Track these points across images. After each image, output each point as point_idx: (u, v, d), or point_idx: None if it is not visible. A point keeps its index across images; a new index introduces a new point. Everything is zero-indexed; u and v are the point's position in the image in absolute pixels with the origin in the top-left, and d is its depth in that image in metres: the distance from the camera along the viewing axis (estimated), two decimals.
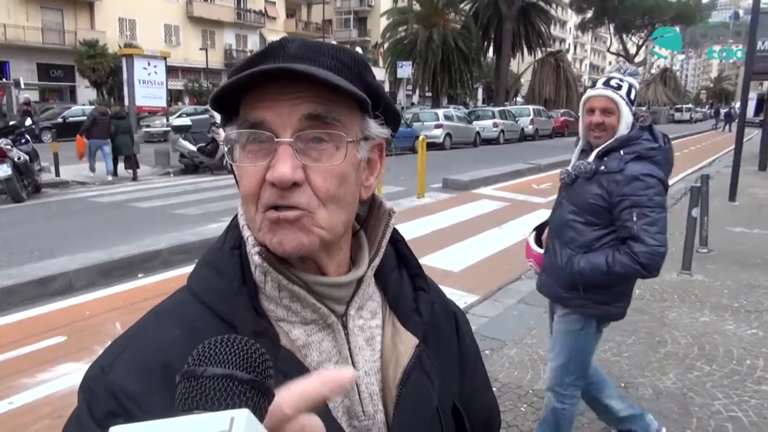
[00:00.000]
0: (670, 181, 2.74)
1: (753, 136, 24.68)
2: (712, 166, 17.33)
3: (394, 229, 0.83)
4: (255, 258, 0.71)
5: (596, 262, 2.51)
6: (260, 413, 0.49)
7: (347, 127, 0.70)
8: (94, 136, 14.31)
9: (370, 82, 0.74)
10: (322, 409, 0.65)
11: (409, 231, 7.22)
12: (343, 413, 0.73)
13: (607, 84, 2.52)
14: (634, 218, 2.40)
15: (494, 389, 1.10)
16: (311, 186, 0.68)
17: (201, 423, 0.46)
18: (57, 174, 13.52)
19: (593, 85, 2.65)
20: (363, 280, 0.77)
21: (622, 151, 2.48)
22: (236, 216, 0.77)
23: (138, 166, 14.72)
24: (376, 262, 0.79)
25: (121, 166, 14.42)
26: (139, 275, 6.16)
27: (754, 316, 5.09)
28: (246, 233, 0.73)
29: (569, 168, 2.67)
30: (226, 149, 0.73)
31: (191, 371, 0.54)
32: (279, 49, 0.71)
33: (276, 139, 0.67)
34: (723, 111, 47.35)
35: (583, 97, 2.64)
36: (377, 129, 0.75)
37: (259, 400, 0.53)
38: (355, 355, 0.75)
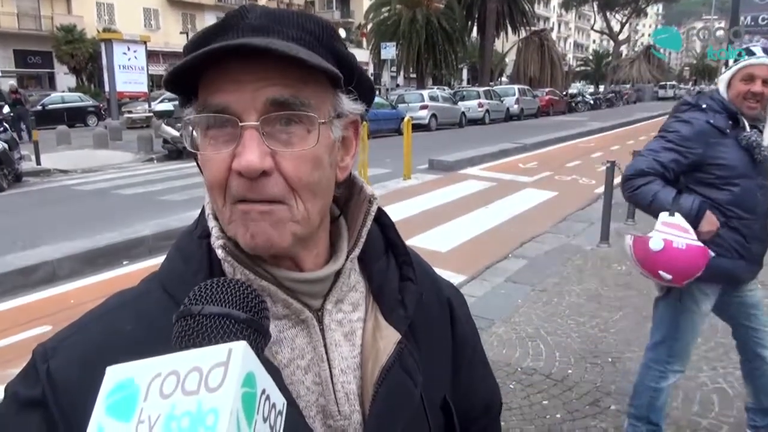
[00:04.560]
0: None
1: None
2: None
3: (384, 213, 0.78)
4: (218, 252, 0.67)
5: None
6: (257, 351, 0.50)
7: (318, 108, 0.64)
8: None
9: (341, 52, 0.67)
10: (292, 412, 0.62)
11: (395, 212, 7.21)
12: (318, 412, 0.69)
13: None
14: None
15: None
16: (282, 174, 0.62)
17: (199, 356, 0.46)
18: (38, 162, 13.31)
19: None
20: (342, 273, 0.72)
21: None
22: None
23: None
24: (356, 252, 0.73)
25: None
26: (124, 262, 6.11)
27: None
28: (211, 224, 0.69)
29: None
30: (184, 134, 0.67)
31: (188, 310, 0.55)
32: (238, 19, 0.64)
33: (240, 124, 0.61)
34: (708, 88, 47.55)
35: (738, 66, 2.46)
36: (351, 105, 0.69)
37: (255, 339, 0.53)
38: (330, 352, 0.70)
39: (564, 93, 40.07)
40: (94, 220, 7.99)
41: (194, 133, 0.66)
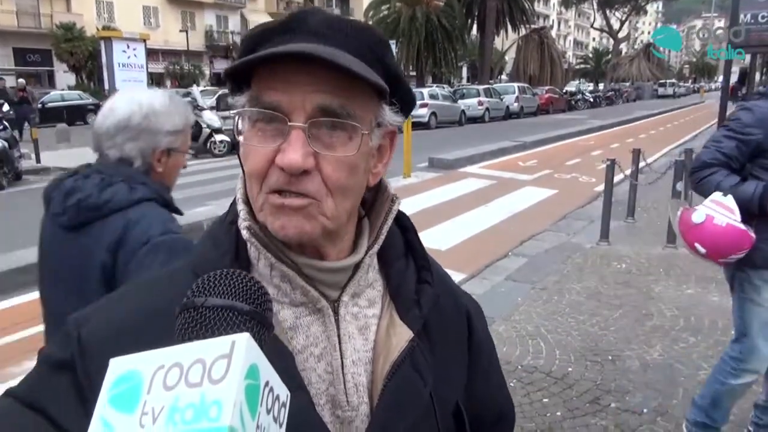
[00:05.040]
0: (654, 156, 2.74)
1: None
2: (696, 141, 17.44)
3: (405, 216, 0.81)
4: (243, 233, 0.70)
5: None
6: (260, 343, 0.50)
7: (362, 118, 0.67)
8: None
9: (390, 65, 0.71)
10: (300, 398, 0.65)
11: None
12: (327, 401, 0.71)
13: None
14: None
15: None
16: (321, 174, 0.65)
17: (202, 348, 0.46)
18: (38, 160, 13.30)
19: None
20: (360, 267, 0.74)
21: None
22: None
23: None
24: (375, 248, 0.76)
25: None
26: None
27: None
28: (240, 207, 0.72)
29: None
30: (234, 121, 0.71)
31: (191, 302, 0.55)
32: (299, 22, 0.68)
33: (289, 123, 0.64)
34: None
35: None
36: (392, 116, 0.72)
37: (259, 331, 0.54)
38: (344, 343, 0.72)
39: (564, 92, 40.05)
40: None
41: (243, 122, 0.69)
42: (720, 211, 2.47)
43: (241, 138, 0.70)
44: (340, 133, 0.66)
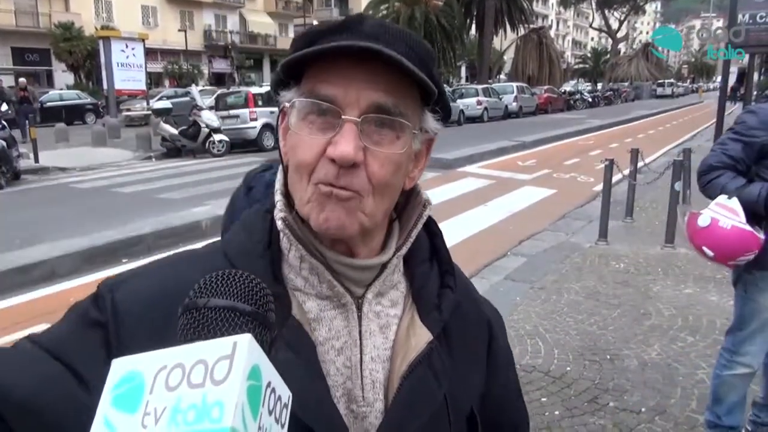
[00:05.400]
0: (653, 156, 2.75)
1: (733, 110, 24.88)
2: (694, 140, 17.46)
3: (434, 222, 0.82)
4: (277, 223, 0.72)
5: None
6: (262, 344, 0.50)
7: (411, 119, 0.70)
8: None
9: (435, 76, 0.72)
10: (319, 388, 0.67)
11: None
12: (343, 394, 0.72)
13: None
14: None
15: None
16: (367, 170, 0.67)
17: (204, 349, 0.47)
18: (36, 160, 13.30)
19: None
20: (386, 267, 0.76)
21: None
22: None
23: None
24: (403, 250, 0.77)
25: None
26: (123, 261, 6.10)
27: None
28: (277, 197, 0.74)
29: None
30: (281, 111, 0.73)
31: (193, 303, 0.55)
32: (356, 24, 0.70)
33: (342, 116, 0.66)
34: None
35: None
36: (433, 123, 0.75)
37: (261, 332, 0.54)
38: (364, 339, 0.74)
39: (563, 91, 40.07)
40: (93, 218, 7.98)
41: (291, 113, 0.71)
42: (725, 213, 2.49)
43: (280, 133, 0.73)
44: (387, 132, 0.68)
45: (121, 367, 0.48)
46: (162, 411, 0.44)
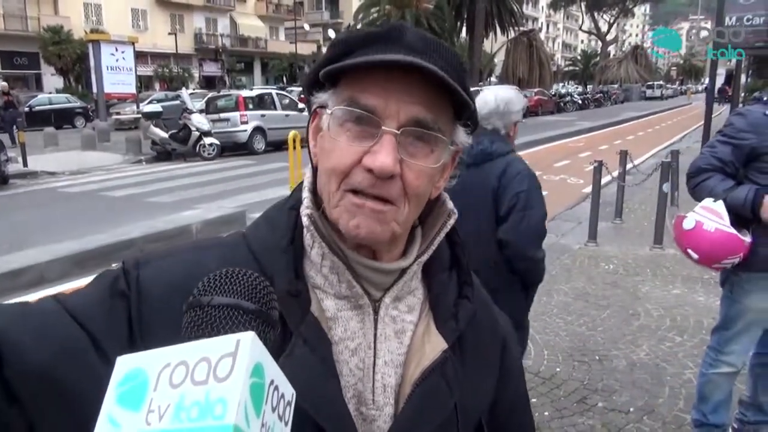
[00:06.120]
0: (642, 158, 2.78)
1: (722, 111, 25.10)
2: (682, 142, 17.61)
3: (456, 232, 0.82)
4: (303, 219, 0.72)
5: None
6: (265, 342, 0.50)
7: (445, 133, 0.71)
8: None
9: (468, 87, 0.73)
10: (333, 386, 0.68)
11: None
12: (353, 395, 0.72)
13: None
14: None
15: None
16: (403, 180, 0.68)
17: (207, 346, 0.47)
18: (25, 164, 13.20)
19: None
20: (406, 272, 0.76)
21: None
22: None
23: None
24: (424, 257, 0.78)
25: None
26: (114, 264, 6.01)
27: None
28: (305, 194, 0.74)
29: None
30: (312, 112, 0.74)
31: (197, 301, 0.56)
32: (398, 35, 0.70)
33: (382, 127, 0.67)
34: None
35: None
36: (463, 137, 0.76)
37: (264, 330, 0.55)
38: (379, 343, 0.74)
39: (553, 93, 40.26)
40: (83, 222, 7.95)
41: (328, 118, 0.71)
42: (709, 216, 2.52)
43: (310, 133, 0.75)
44: (422, 145, 0.69)
45: (125, 364, 0.48)
46: (166, 408, 0.44)
